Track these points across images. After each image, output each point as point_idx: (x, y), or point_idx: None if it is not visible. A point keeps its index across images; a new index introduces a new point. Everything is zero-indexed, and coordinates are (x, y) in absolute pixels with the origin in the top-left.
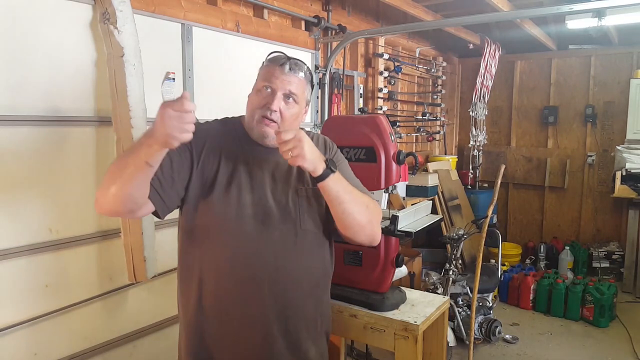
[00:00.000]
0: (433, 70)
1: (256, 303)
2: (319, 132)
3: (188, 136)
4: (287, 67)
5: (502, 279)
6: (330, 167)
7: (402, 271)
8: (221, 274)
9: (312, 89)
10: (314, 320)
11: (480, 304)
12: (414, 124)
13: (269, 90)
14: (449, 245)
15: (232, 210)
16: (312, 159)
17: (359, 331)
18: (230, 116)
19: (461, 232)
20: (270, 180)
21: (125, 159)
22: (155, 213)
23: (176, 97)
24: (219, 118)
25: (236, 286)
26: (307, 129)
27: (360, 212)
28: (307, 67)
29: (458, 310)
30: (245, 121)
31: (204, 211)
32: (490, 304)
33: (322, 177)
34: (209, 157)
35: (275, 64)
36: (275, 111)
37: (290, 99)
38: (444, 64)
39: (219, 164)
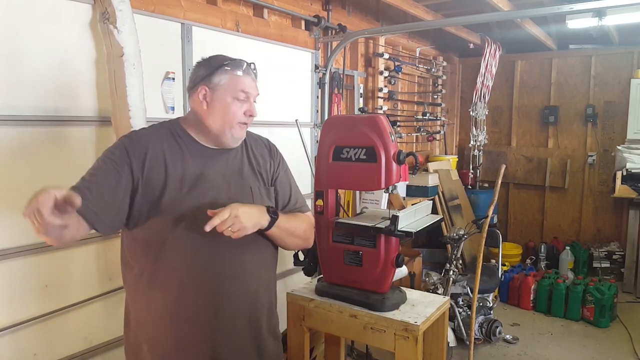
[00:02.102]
0: (433, 69)
1: (227, 301)
2: (319, 133)
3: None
4: (252, 74)
5: (502, 279)
6: (272, 215)
7: (402, 271)
8: (188, 277)
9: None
10: (272, 309)
11: (481, 304)
12: (414, 123)
13: (243, 97)
14: (449, 246)
15: (190, 214)
16: (253, 224)
17: (359, 331)
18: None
19: (461, 232)
20: (223, 181)
21: None
22: (96, 229)
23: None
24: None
25: (205, 287)
26: (307, 129)
27: (299, 236)
28: (255, 66)
29: (458, 311)
30: (214, 128)
31: (159, 220)
32: (491, 304)
33: (269, 227)
34: (154, 167)
35: (242, 72)
36: (253, 116)
37: (255, 100)
38: (445, 63)
39: (166, 171)
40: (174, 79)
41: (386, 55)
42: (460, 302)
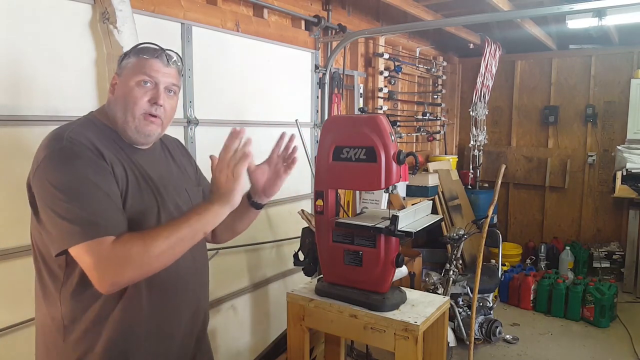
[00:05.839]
0: (433, 69)
1: (182, 303)
2: (319, 133)
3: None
4: (165, 59)
5: (502, 279)
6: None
7: (402, 271)
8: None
9: (182, 77)
10: (206, 309)
11: (481, 304)
12: (414, 123)
13: (148, 84)
14: (449, 246)
15: (136, 217)
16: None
17: (359, 331)
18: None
19: (461, 232)
20: (160, 183)
21: (186, 234)
22: None
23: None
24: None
25: (161, 291)
26: (307, 128)
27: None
28: (179, 55)
29: (458, 311)
30: (119, 119)
31: None
32: (491, 304)
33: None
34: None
35: (151, 55)
36: (162, 106)
37: (172, 91)
38: (445, 63)
39: (113, 174)
40: None
41: (386, 55)
42: (460, 302)
